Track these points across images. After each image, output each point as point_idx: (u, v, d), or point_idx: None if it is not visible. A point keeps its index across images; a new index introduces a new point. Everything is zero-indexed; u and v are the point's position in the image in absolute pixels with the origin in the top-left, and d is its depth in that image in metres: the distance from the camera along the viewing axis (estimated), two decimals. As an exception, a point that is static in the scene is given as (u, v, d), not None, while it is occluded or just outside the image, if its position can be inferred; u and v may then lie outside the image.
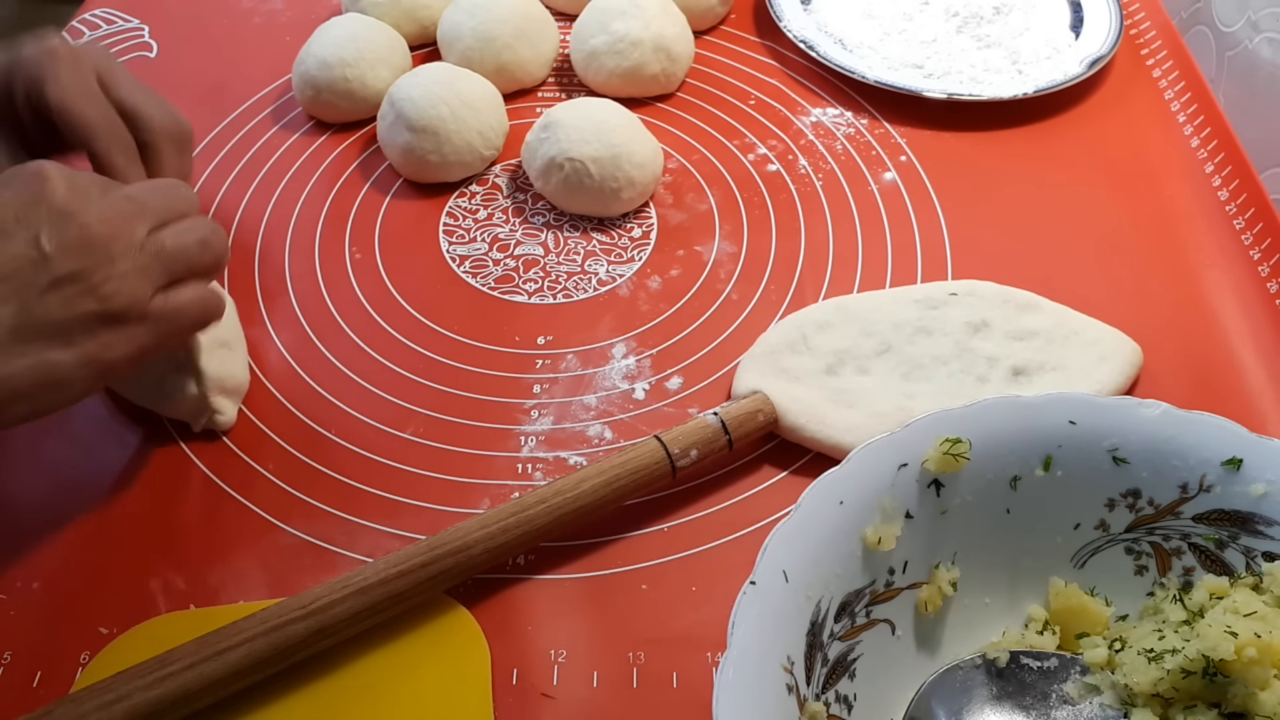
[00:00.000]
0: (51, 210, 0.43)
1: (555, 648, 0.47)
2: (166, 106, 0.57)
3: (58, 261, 0.43)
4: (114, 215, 0.45)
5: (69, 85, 0.53)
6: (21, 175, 0.44)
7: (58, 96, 0.53)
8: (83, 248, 0.43)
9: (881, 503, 0.43)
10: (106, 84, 0.55)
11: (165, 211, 0.47)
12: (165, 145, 0.56)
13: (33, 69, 0.53)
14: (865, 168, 0.70)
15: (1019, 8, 0.81)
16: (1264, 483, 0.42)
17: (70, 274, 0.43)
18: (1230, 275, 0.62)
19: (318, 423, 0.55)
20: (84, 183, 0.45)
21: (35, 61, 0.53)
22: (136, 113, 0.55)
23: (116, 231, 0.44)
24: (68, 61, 0.53)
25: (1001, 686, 0.42)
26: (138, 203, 0.46)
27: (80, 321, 0.43)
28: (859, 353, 0.56)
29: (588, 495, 0.49)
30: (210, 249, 0.49)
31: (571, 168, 0.63)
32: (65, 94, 0.53)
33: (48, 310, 0.42)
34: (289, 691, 0.45)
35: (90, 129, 0.53)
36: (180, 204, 0.48)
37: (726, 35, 0.81)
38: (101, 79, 0.55)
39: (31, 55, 0.53)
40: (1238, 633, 0.38)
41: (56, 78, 0.53)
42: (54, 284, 0.42)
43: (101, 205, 0.45)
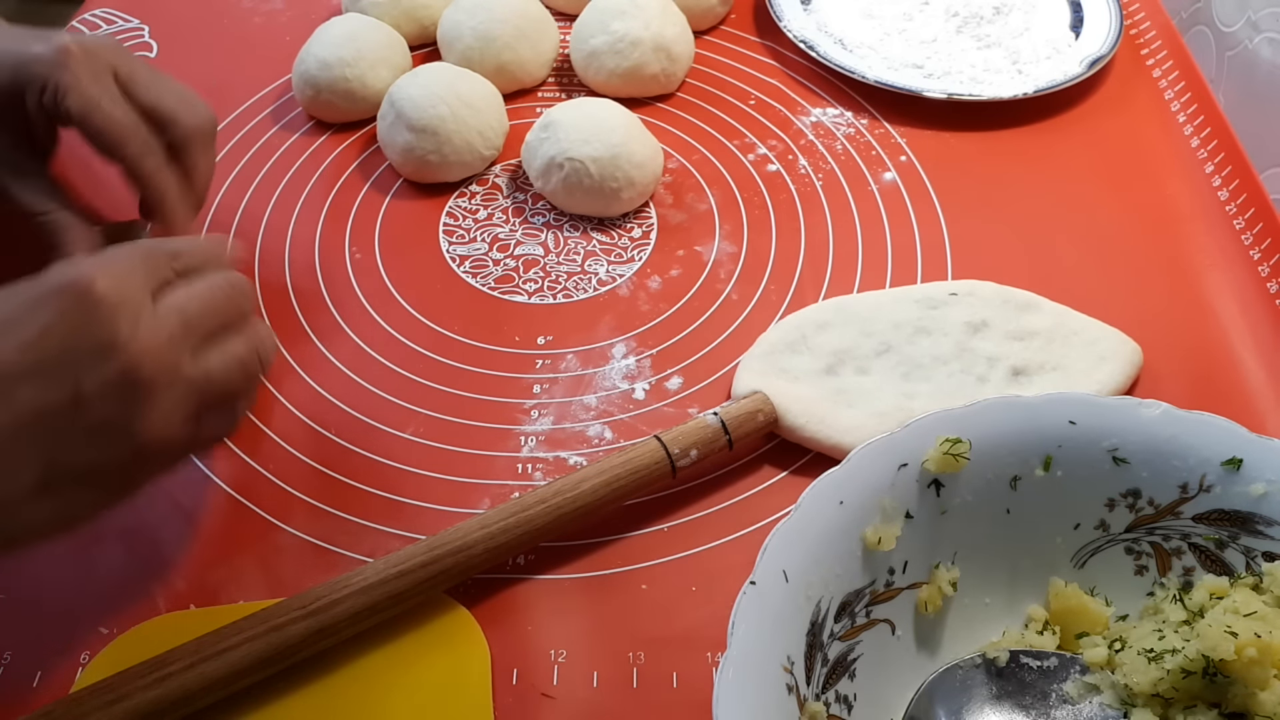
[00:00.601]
0: (96, 345, 0.39)
1: (555, 648, 0.47)
2: (189, 98, 0.55)
3: (97, 406, 0.39)
4: (162, 343, 0.41)
5: (89, 92, 0.50)
6: (67, 294, 0.40)
7: (80, 106, 0.50)
8: (124, 389, 0.40)
9: (881, 503, 0.43)
10: (125, 83, 0.53)
11: (213, 325, 0.44)
12: (193, 143, 0.54)
13: (46, 72, 0.51)
14: (865, 168, 0.70)
15: (1019, 8, 0.81)
16: (1264, 483, 0.42)
17: (107, 420, 0.40)
18: (1230, 275, 0.62)
19: (318, 423, 0.55)
20: (134, 291, 0.41)
21: (49, 63, 0.51)
22: (161, 112, 0.53)
23: (161, 365, 0.41)
24: (84, 64, 0.51)
25: (1001, 686, 0.42)
26: (188, 321, 0.43)
27: (110, 463, 0.41)
28: (859, 353, 0.56)
29: (588, 495, 0.49)
30: (251, 375, 0.46)
31: (571, 168, 0.63)
32: (87, 103, 0.50)
33: (78, 456, 0.40)
34: (289, 691, 0.45)
35: (117, 138, 0.51)
36: (233, 314, 0.45)
37: (726, 35, 0.81)
38: (119, 77, 0.53)
39: (44, 56, 0.51)
40: (1238, 633, 0.38)
41: (76, 85, 0.50)
42: (89, 430, 0.39)
43: (151, 333, 0.40)
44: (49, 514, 0.40)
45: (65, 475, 0.40)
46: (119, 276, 0.41)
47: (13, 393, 0.38)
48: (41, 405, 0.38)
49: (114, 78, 0.52)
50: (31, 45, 0.51)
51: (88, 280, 0.40)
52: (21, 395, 0.38)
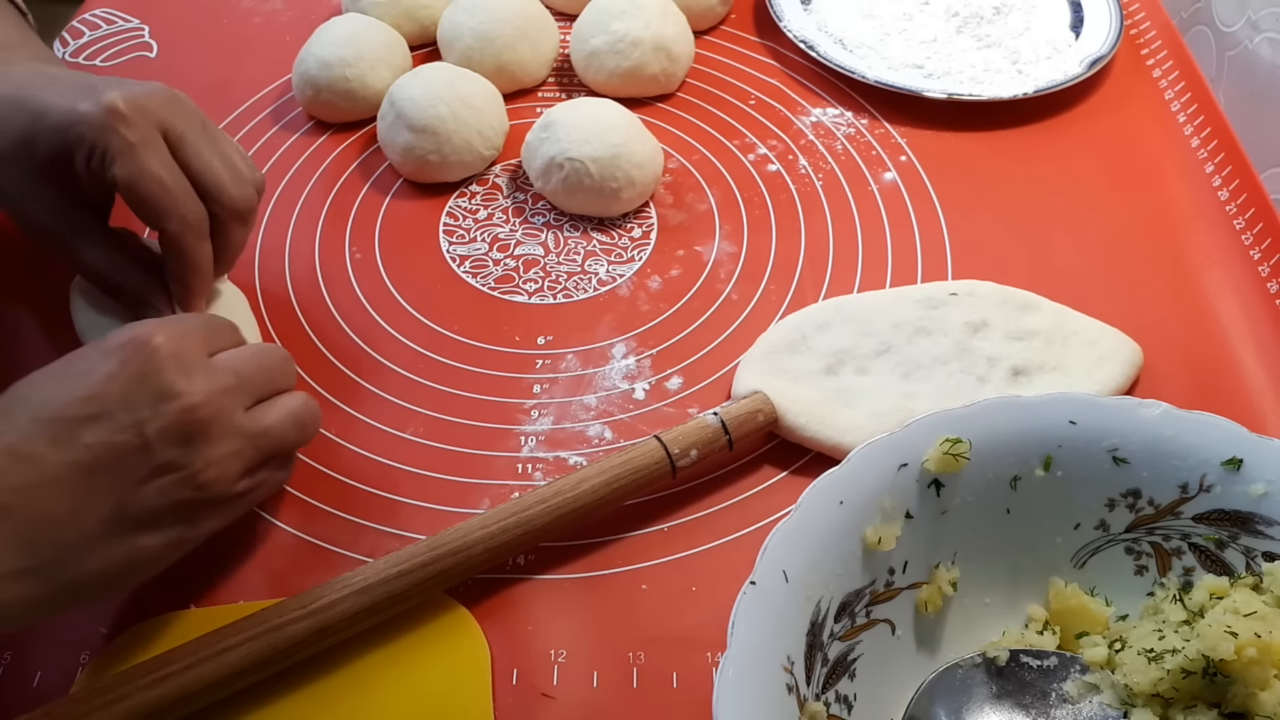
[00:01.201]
0: (156, 391, 0.41)
1: (555, 648, 0.47)
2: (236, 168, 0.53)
3: (159, 449, 0.41)
4: (219, 394, 0.43)
5: (138, 161, 0.49)
6: (128, 346, 0.42)
7: (126, 176, 0.49)
8: (184, 434, 0.42)
9: (881, 503, 0.43)
10: (175, 144, 0.51)
11: (265, 386, 0.46)
12: (233, 222, 0.53)
13: (96, 136, 0.49)
14: (865, 168, 0.70)
15: (1019, 8, 0.81)
16: (1264, 483, 0.42)
17: (170, 462, 0.41)
18: (1230, 275, 0.62)
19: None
20: (191, 351, 0.43)
21: (97, 126, 0.49)
22: (207, 183, 0.51)
23: (219, 413, 0.43)
24: (135, 127, 0.49)
25: (1001, 685, 0.42)
26: (242, 378, 0.45)
27: (172, 508, 0.42)
28: (859, 353, 0.56)
29: (588, 495, 0.49)
30: (305, 430, 0.47)
31: (571, 168, 0.63)
32: (134, 172, 0.49)
33: (144, 500, 0.41)
34: (289, 691, 0.45)
35: (162, 212, 0.50)
36: (279, 378, 0.47)
37: (726, 35, 0.81)
38: (169, 139, 0.50)
39: (91, 116, 0.49)
40: (1238, 633, 0.38)
41: (124, 150, 0.48)
42: (153, 473, 0.41)
43: (207, 383, 0.43)
44: (116, 559, 0.41)
45: (132, 519, 0.41)
46: (177, 335, 0.43)
47: (81, 436, 0.40)
48: (109, 447, 0.40)
49: (164, 136, 0.50)
50: (79, 103, 0.49)
51: (147, 335, 0.42)
52: (90, 438, 0.40)
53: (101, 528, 0.40)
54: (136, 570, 0.43)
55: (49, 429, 0.40)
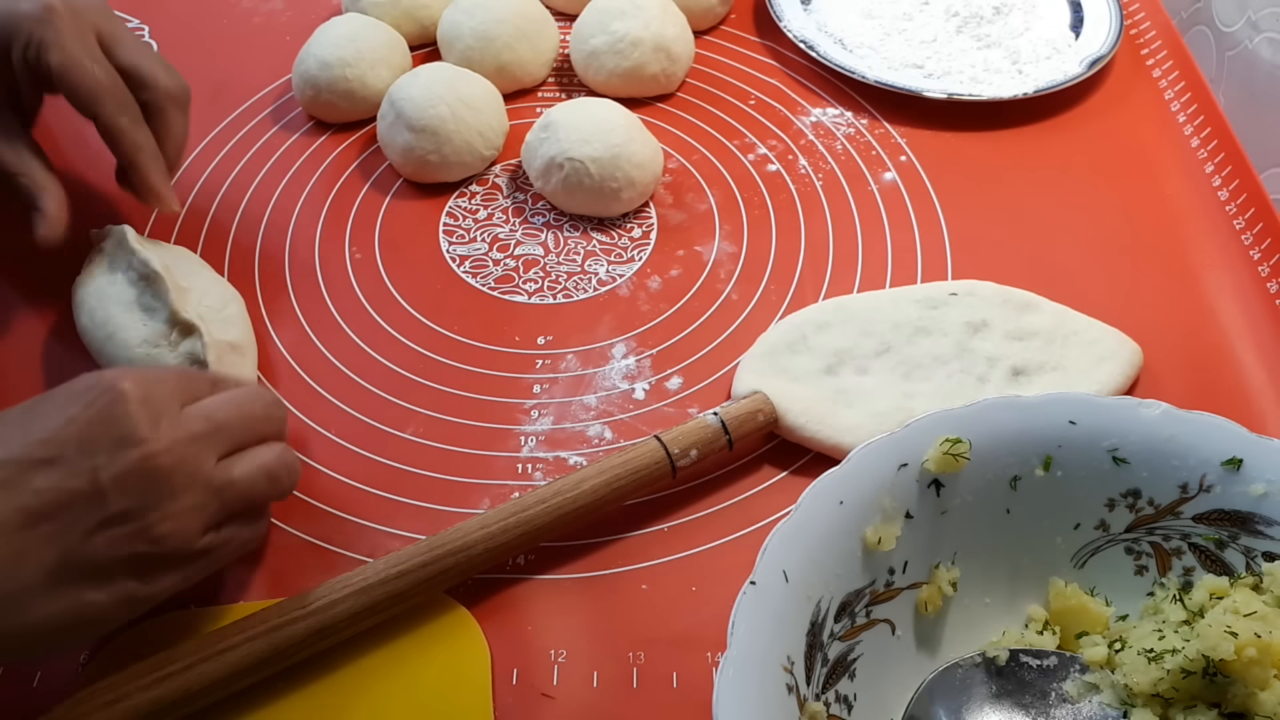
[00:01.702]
0: (117, 436, 0.39)
1: (555, 648, 0.47)
2: (167, 65, 0.56)
3: (113, 498, 0.39)
4: (184, 441, 0.41)
5: (71, 49, 0.52)
6: (95, 389, 0.40)
7: (60, 62, 0.52)
8: (142, 483, 0.39)
9: (881, 503, 0.43)
10: (107, 44, 0.54)
11: (243, 434, 0.44)
12: (169, 106, 0.56)
13: (32, 28, 0.52)
14: (865, 168, 0.70)
15: (1019, 8, 0.81)
16: (1264, 483, 0.42)
17: (123, 512, 0.39)
18: (1230, 275, 0.62)
19: (318, 423, 0.55)
20: (161, 398, 0.41)
21: (34, 20, 0.52)
22: (139, 74, 0.54)
23: (181, 463, 0.40)
24: (68, 22, 0.52)
25: (1001, 685, 0.42)
26: (214, 424, 0.42)
27: (124, 562, 0.40)
28: (859, 353, 0.56)
29: (588, 495, 0.49)
30: (277, 484, 0.45)
31: (571, 168, 0.63)
32: (67, 59, 0.52)
33: (93, 551, 0.39)
34: (289, 691, 0.45)
35: (94, 95, 0.52)
36: (261, 425, 0.45)
37: (726, 35, 0.81)
38: (102, 39, 0.54)
39: (30, 12, 0.52)
40: (1238, 633, 0.38)
41: (58, 41, 0.52)
42: (103, 523, 0.39)
43: (173, 431, 0.41)
44: (60, 612, 0.39)
45: (78, 571, 0.39)
46: (147, 381, 0.41)
47: (31, 480, 0.38)
48: (60, 493, 0.38)
49: (97, 38, 0.54)
50: (19, 3, 0.53)
51: (114, 379, 0.41)
52: (40, 483, 0.38)
53: (44, 578, 0.38)
54: (84, 627, 0.40)
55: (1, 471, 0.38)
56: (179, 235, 0.65)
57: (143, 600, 0.41)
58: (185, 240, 0.64)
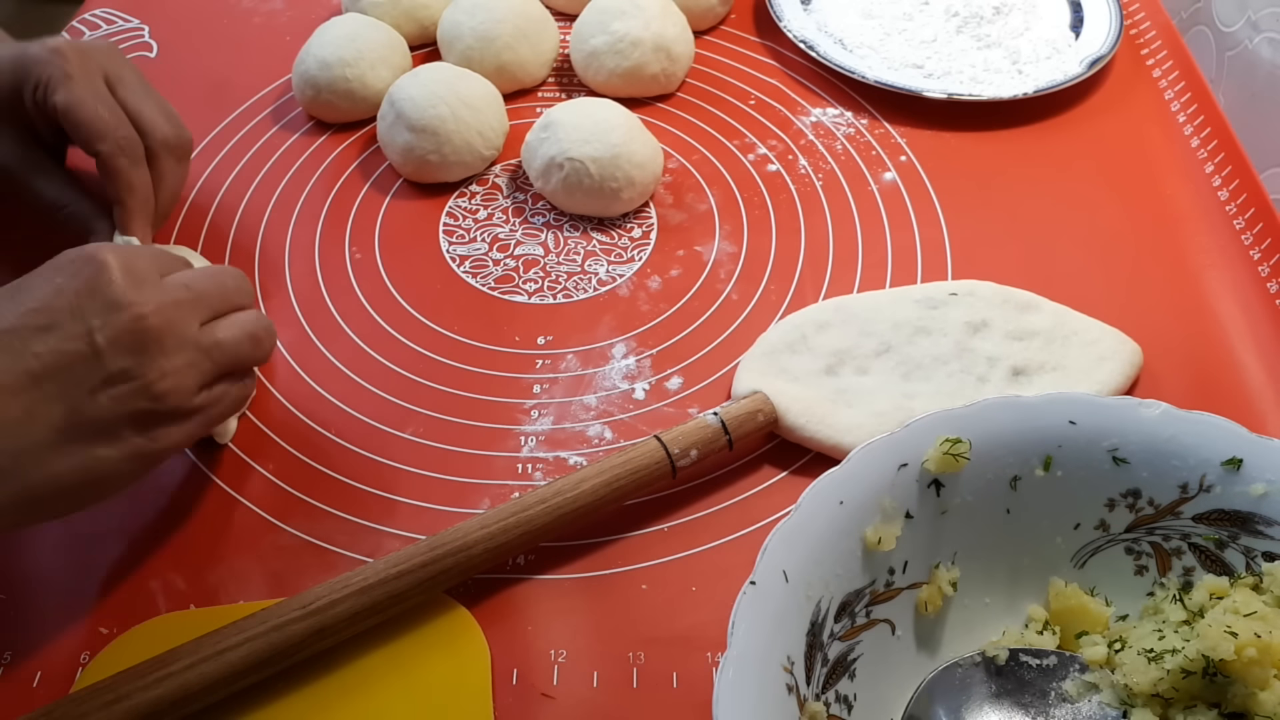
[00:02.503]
0: (106, 301, 0.42)
1: (555, 648, 0.47)
2: (170, 113, 0.58)
3: (110, 357, 0.41)
4: (169, 305, 0.43)
5: (75, 89, 0.53)
6: (79, 260, 0.43)
7: (64, 101, 0.53)
8: (136, 343, 0.42)
9: (881, 503, 0.43)
10: (114, 85, 0.55)
11: (220, 302, 0.46)
12: (165, 155, 0.57)
13: (40, 69, 0.54)
14: (865, 168, 0.70)
15: (1019, 8, 0.81)
16: (1264, 483, 0.42)
17: (122, 371, 0.42)
18: (1230, 275, 0.62)
19: (318, 423, 0.55)
20: (141, 268, 0.44)
21: (42, 62, 0.54)
22: (142, 119, 0.56)
23: (170, 324, 0.43)
24: (75, 63, 0.54)
25: (1000, 684, 0.42)
26: (194, 292, 0.45)
27: (128, 418, 0.42)
28: (859, 353, 0.56)
29: (588, 495, 0.49)
30: (260, 345, 0.48)
31: (571, 168, 0.63)
32: (71, 98, 0.53)
33: (97, 408, 0.41)
34: (289, 691, 0.45)
35: (95, 133, 0.54)
36: (235, 295, 0.48)
37: (726, 35, 0.81)
38: (109, 80, 0.55)
39: (39, 55, 0.54)
40: (1238, 633, 0.38)
41: (63, 81, 0.53)
42: (105, 381, 0.41)
43: (158, 295, 0.43)
44: (73, 468, 0.41)
45: (87, 428, 0.41)
46: (126, 254, 0.44)
47: (30, 345, 0.41)
48: (59, 355, 0.41)
49: (104, 80, 0.55)
50: (29, 47, 0.55)
51: (95, 251, 0.43)
52: (39, 347, 0.41)
53: (55, 435, 0.41)
54: (97, 484, 0.43)
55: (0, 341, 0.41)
56: (179, 235, 0.65)
57: (150, 455, 0.44)
58: (185, 240, 0.64)
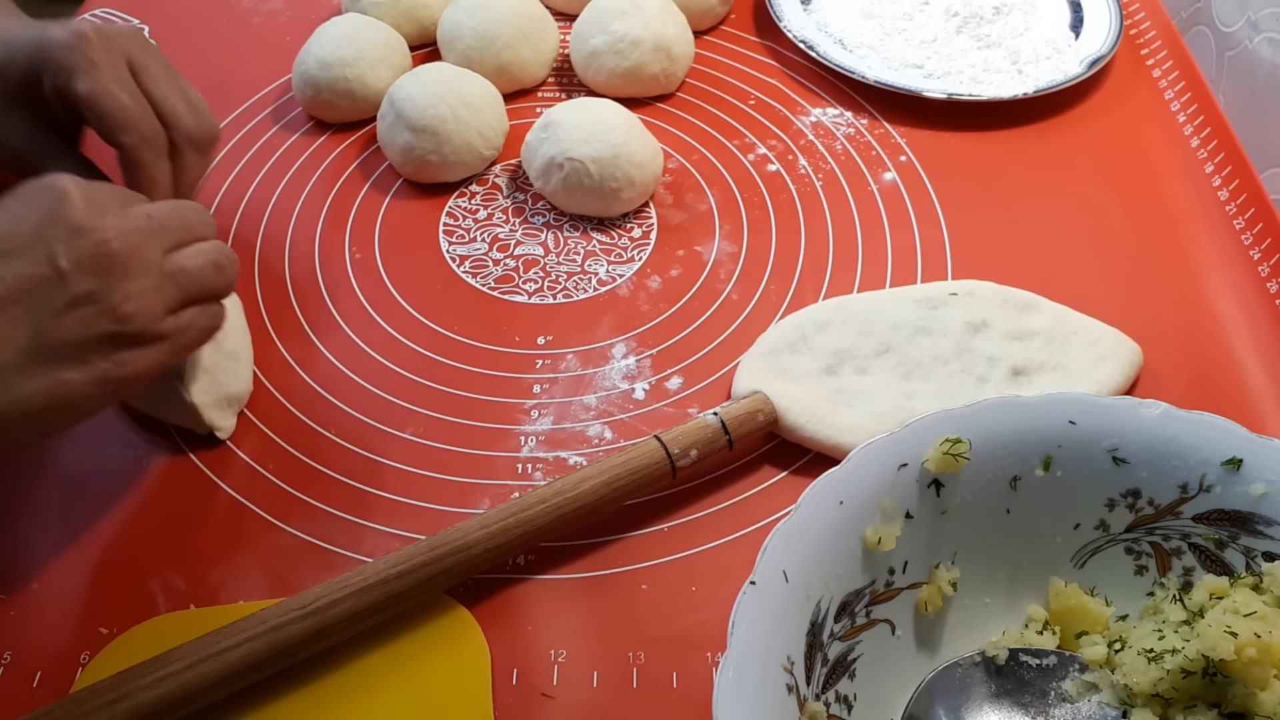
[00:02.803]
0: (69, 226, 0.42)
1: (555, 648, 0.47)
2: (196, 102, 0.56)
3: (74, 280, 0.41)
4: (133, 231, 0.44)
5: (99, 77, 0.51)
6: (39, 190, 0.43)
7: (87, 89, 0.51)
8: (100, 266, 0.42)
9: (881, 503, 0.43)
10: (138, 73, 0.53)
11: (182, 232, 0.47)
12: (189, 147, 0.55)
13: (62, 55, 0.52)
14: (865, 168, 0.70)
15: (1019, 8, 0.81)
16: (1264, 483, 0.42)
17: (87, 293, 0.42)
18: (1230, 275, 0.62)
19: (318, 423, 0.55)
20: (103, 198, 0.44)
21: (65, 47, 0.52)
22: (164, 109, 0.54)
23: (134, 249, 0.43)
24: (99, 50, 0.52)
25: (1000, 684, 0.42)
26: (156, 221, 0.45)
27: (95, 341, 0.42)
28: (859, 353, 0.56)
29: (588, 495, 0.49)
30: (224, 273, 0.48)
31: (571, 168, 0.63)
32: (95, 86, 0.51)
33: (63, 330, 0.41)
34: (289, 691, 0.45)
35: (119, 125, 0.52)
36: (197, 227, 0.48)
37: (726, 35, 0.81)
38: (133, 67, 0.53)
39: (61, 40, 0.52)
40: (1238, 633, 0.38)
41: (87, 68, 0.51)
42: (70, 304, 0.41)
43: (120, 222, 0.43)
44: (39, 391, 0.41)
45: (52, 350, 0.41)
46: (88, 185, 0.44)
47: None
48: (23, 278, 0.41)
49: (128, 67, 0.53)
50: (50, 30, 0.53)
51: (55, 180, 0.43)
52: (3, 271, 0.41)
53: (21, 357, 0.41)
54: (63, 408, 0.43)
55: None
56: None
57: (117, 381, 0.43)
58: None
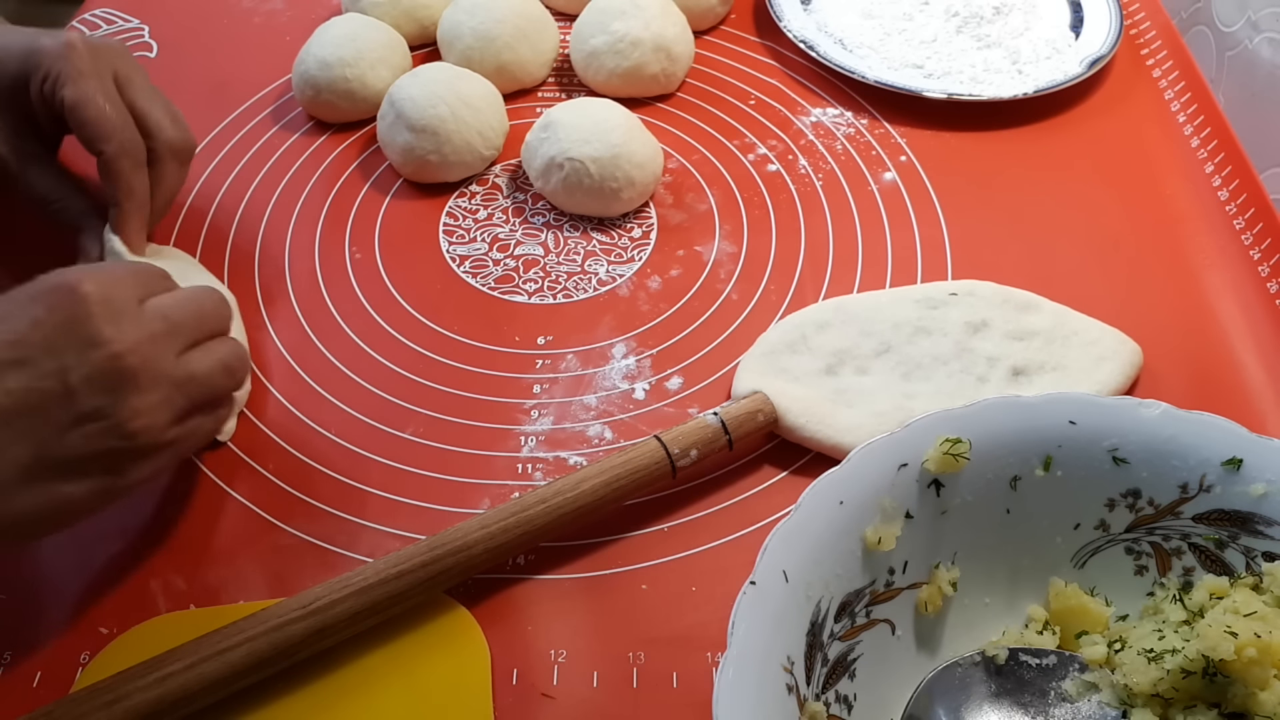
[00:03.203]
0: (84, 338, 0.41)
1: (555, 648, 0.47)
2: (176, 116, 0.58)
3: (83, 396, 0.41)
4: (146, 340, 0.43)
5: (84, 86, 0.53)
6: (57, 291, 0.42)
7: (73, 97, 0.53)
8: (111, 381, 0.41)
9: (881, 503, 0.43)
10: (122, 85, 0.55)
11: (196, 330, 0.46)
12: (168, 158, 0.57)
13: (51, 62, 0.53)
14: (865, 168, 0.70)
15: (1019, 8, 0.81)
16: (1264, 483, 0.42)
17: (95, 410, 0.41)
18: (1230, 275, 0.62)
19: (318, 423, 0.55)
20: (121, 297, 0.43)
21: (55, 54, 0.53)
22: (145, 121, 0.55)
23: (146, 362, 0.42)
24: (87, 60, 0.54)
25: (1000, 684, 0.42)
26: (171, 323, 0.44)
27: (98, 456, 0.42)
28: (859, 353, 0.56)
29: (588, 495, 0.49)
30: (233, 375, 0.47)
31: (571, 168, 0.63)
32: (80, 95, 0.53)
33: (66, 447, 0.41)
34: (289, 691, 0.45)
35: (101, 134, 0.53)
36: (212, 320, 0.47)
37: (726, 35, 0.81)
38: (118, 80, 0.55)
39: (51, 48, 0.54)
40: (1238, 633, 0.38)
41: (73, 77, 0.53)
42: (76, 420, 0.41)
43: (135, 329, 0.42)
44: (37, 505, 0.41)
45: (54, 466, 0.41)
46: (106, 282, 0.43)
47: (4, 380, 0.40)
48: (31, 393, 0.40)
49: (114, 79, 0.55)
50: (41, 39, 0.54)
51: (75, 281, 0.42)
52: (11, 383, 0.40)
53: (21, 473, 0.40)
54: (61, 517, 0.42)
55: None
56: (179, 235, 0.65)
57: (116, 491, 0.43)
58: (185, 240, 0.64)
